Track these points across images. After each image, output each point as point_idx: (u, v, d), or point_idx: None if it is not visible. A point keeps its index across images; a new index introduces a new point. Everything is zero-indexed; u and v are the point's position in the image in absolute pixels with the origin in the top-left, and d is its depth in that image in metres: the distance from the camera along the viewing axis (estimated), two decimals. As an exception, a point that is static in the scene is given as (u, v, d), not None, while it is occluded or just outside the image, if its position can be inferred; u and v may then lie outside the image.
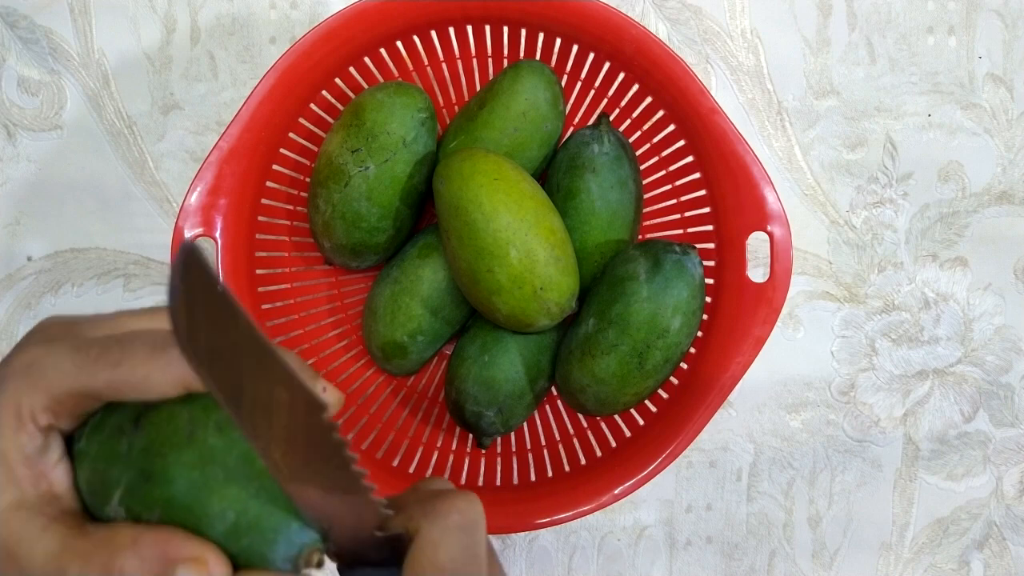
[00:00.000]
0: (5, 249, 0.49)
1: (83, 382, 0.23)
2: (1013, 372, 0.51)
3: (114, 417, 0.24)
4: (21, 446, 0.24)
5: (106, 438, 0.24)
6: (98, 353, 0.23)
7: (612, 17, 0.41)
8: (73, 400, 0.24)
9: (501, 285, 0.39)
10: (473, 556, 0.23)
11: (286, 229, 0.45)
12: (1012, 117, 0.51)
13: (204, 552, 0.22)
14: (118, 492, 0.23)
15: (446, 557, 0.22)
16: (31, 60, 0.49)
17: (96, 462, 0.24)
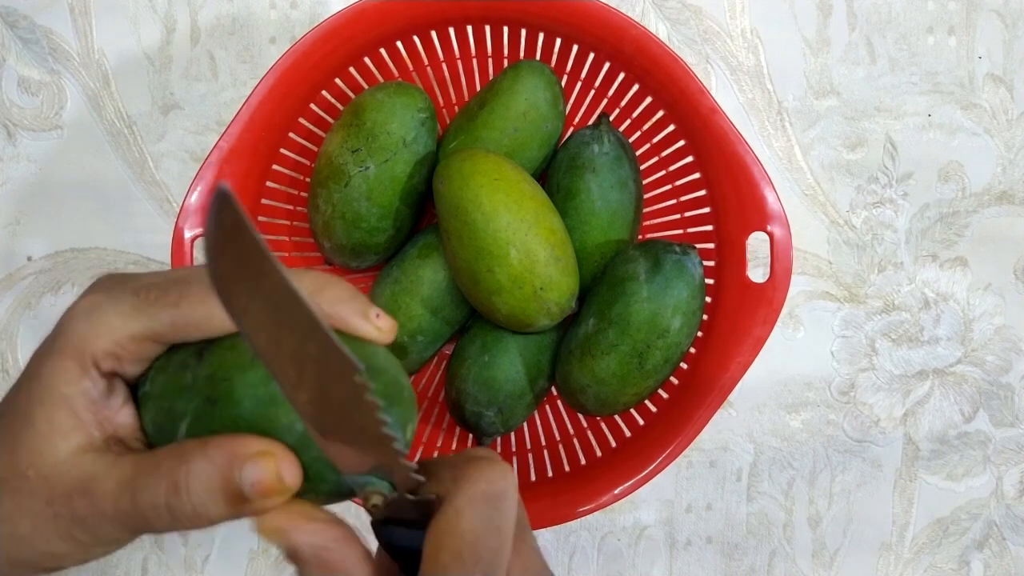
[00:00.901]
0: (5, 249, 0.49)
1: (144, 324, 0.23)
2: (1013, 372, 0.51)
3: (177, 356, 0.24)
4: (85, 391, 0.24)
5: (170, 375, 0.24)
6: (157, 295, 0.24)
7: (612, 17, 0.41)
8: (135, 344, 0.24)
9: (501, 285, 0.39)
10: (496, 528, 0.22)
11: (286, 229, 0.45)
12: (1012, 117, 0.51)
13: (272, 447, 0.22)
14: (184, 423, 0.23)
15: (467, 526, 0.22)
16: (31, 60, 0.49)
17: (161, 400, 0.24)
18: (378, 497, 0.23)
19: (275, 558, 0.49)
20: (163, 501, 0.22)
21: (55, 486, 0.23)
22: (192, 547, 0.48)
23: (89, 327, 0.24)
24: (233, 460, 0.22)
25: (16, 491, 0.24)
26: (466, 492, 0.22)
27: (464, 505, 0.22)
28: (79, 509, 0.23)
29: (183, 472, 0.22)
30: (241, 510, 0.22)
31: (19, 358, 0.49)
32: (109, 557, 0.48)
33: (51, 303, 0.49)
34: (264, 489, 0.22)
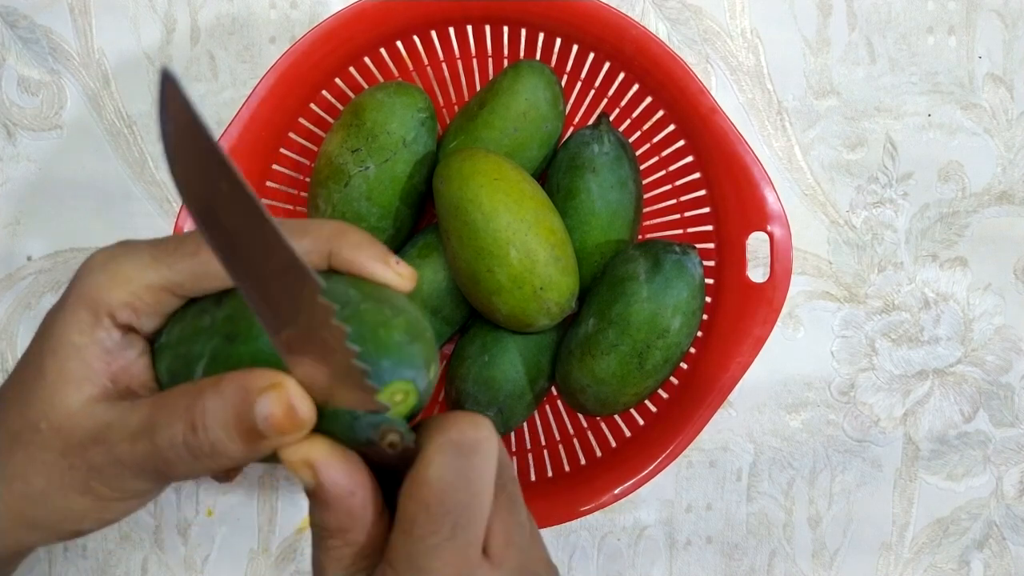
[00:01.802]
0: (5, 249, 0.49)
1: (162, 274, 0.23)
2: (1013, 372, 0.51)
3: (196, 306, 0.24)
4: (99, 341, 0.23)
5: (188, 323, 0.24)
6: (175, 246, 0.23)
7: (612, 17, 0.41)
8: (153, 294, 0.23)
9: (501, 285, 0.39)
10: (465, 480, 0.22)
11: (286, 229, 0.45)
12: (1012, 117, 0.51)
13: (284, 379, 0.21)
14: (201, 364, 0.23)
15: (435, 474, 0.21)
16: (31, 60, 0.49)
17: (178, 347, 0.23)
18: (395, 435, 0.22)
19: (275, 558, 0.49)
20: (181, 440, 0.22)
21: (68, 437, 0.23)
22: (192, 547, 0.48)
23: (106, 278, 0.23)
24: (245, 394, 0.21)
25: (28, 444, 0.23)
26: (436, 440, 0.22)
27: (433, 453, 0.22)
28: (95, 458, 0.23)
29: (199, 409, 0.22)
30: (258, 446, 0.22)
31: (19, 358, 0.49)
32: (108, 556, 0.48)
33: (51, 303, 0.48)
34: (277, 423, 0.21)
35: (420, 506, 0.21)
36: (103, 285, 0.23)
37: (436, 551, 0.21)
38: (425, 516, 0.21)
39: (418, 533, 0.21)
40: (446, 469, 0.21)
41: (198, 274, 0.23)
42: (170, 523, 0.48)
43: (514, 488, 0.24)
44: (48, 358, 0.23)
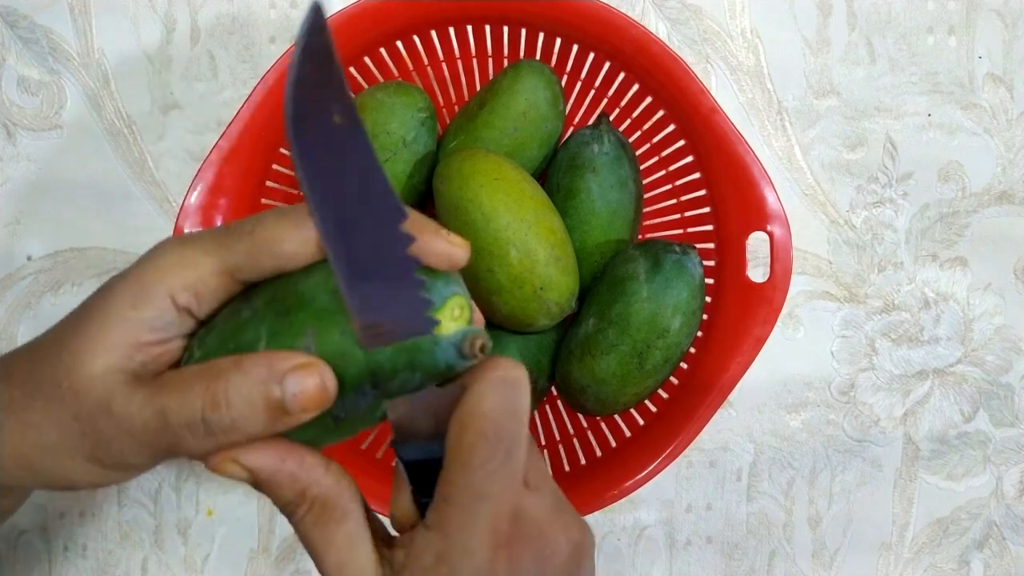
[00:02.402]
0: (5, 249, 0.49)
1: (223, 257, 0.24)
2: (1013, 372, 0.51)
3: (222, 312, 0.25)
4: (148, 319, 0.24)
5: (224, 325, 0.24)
6: (235, 227, 0.25)
7: (612, 17, 0.41)
8: (216, 279, 0.24)
9: (501, 285, 0.39)
10: (513, 410, 0.24)
11: (286, 229, 0.45)
12: (1012, 117, 0.51)
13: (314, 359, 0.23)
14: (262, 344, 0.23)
15: (489, 406, 0.23)
16: (31, 60, 0.49)
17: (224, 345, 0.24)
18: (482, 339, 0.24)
19: (275, 558, 0.49)
20: (200, 416, 0.23)
21: (82, 402, 0.24)
22: (192, 547, 0.48)
23: (175, 260, 0.25)
24: (273, 373, 0.22)
25: (49, 399, 0.24)
26: (486, 377, 0.24)
27: (485, 389, 0.24)
28: (104, 430, 0.24)
29: (222, 387, 0.23)
30: (279, 422, 0.23)
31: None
32: (108, 556, 0.48)
33: (51, 303, 0.49)
34: (306, 399, 0.22)
35: (477, 435, 0.23)
36: (170, 266, 0.24)
37: (494, 476, 0.23)
38: (483, 444, 0.23)
39: (477, 461, 0.23)
40: (498, 401, 0.24)
41: (254, 253, 0.24)
42: (170, 523, 0.48)
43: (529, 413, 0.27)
44: (90, 321, 0.24)
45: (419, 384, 0.24)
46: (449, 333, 0.23)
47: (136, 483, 0.48)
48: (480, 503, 0.23)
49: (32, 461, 0.25)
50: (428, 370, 0.23)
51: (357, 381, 0.23)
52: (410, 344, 0.23)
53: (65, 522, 0.48)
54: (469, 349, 0.23)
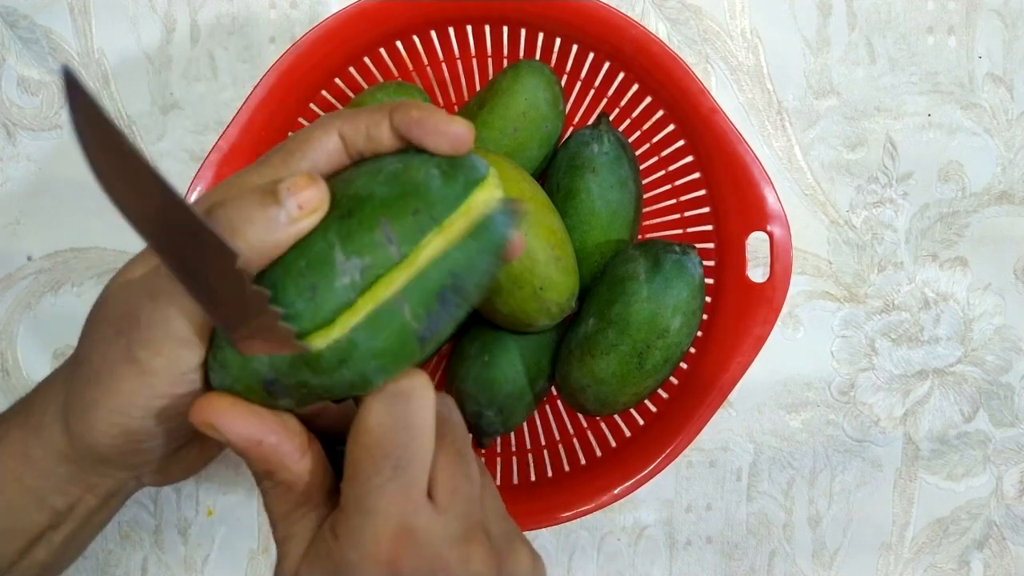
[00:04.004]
0: (5, 249, 0.49)
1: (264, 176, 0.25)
2: (1013, 372, 0.51)
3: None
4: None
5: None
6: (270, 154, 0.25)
7: (612, 17, 0.41)
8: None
9: (501, 285, 0.39)
10: (403, 424, 0.23)
11: (286, 229, 0.45)
12: (1012, 117, 0.51)
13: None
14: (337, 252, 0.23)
15: (374, 420, 0.23)
16: (31, 60, 0.49)
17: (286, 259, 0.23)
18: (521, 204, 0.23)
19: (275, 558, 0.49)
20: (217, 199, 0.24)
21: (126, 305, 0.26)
22: (192, 547, 0.48)
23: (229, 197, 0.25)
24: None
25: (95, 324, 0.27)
26: (378, 390, 0.23)
27: (372, 401, 0.23)
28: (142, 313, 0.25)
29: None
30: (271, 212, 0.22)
31: (19, 358, 0.49)
32: (108, 556, 0.48)
33: (51, 303, 0.49)
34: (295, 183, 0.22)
35: (363, 450, 0.23)
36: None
37: (380, 491, 0.23)
38: (368, 459, 0.23)
39: (362, 476, 0.23)
40: (383, 414, 0.23)
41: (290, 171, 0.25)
42: (170, 523, 0.48)
43: (463, 444, 0.26)
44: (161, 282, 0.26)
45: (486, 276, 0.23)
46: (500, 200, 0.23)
47: (136, 483, 0.48)
48: (365, 517, 0.23)
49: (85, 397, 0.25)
50: (493, 247, 0.23)
51: (438, 286, 0.22)
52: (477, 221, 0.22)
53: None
54: (515, 212, 0.23)
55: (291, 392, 0.23)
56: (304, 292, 0.22)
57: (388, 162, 0.24)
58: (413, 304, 0.22)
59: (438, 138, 0.24)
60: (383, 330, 0.22)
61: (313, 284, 0.22)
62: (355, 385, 0.23)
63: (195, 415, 0.23)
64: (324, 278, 0.22)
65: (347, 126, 0.25)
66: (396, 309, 0.22)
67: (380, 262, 0.22)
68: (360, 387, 0.23)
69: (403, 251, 0.22)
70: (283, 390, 0.23)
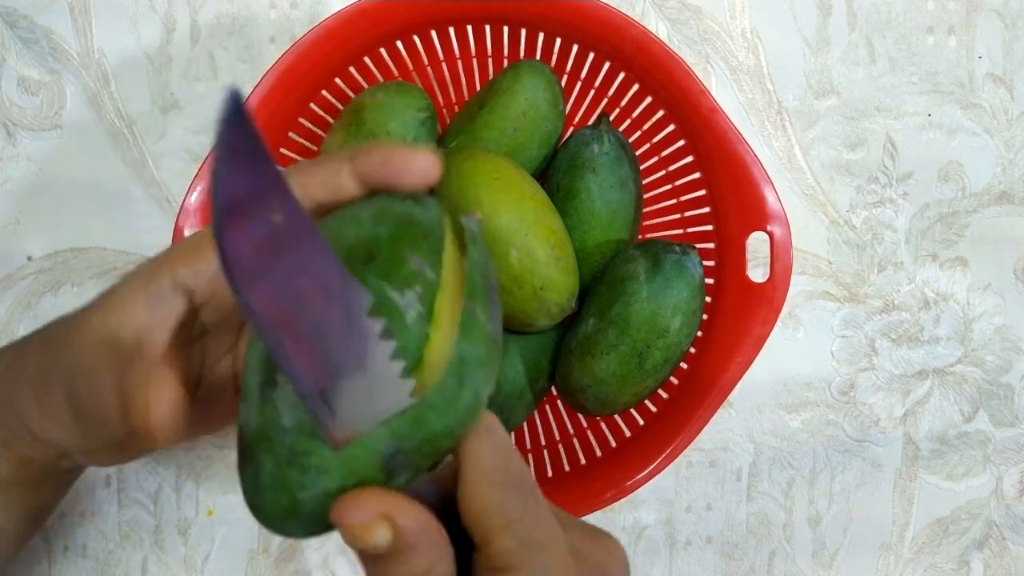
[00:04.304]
0: (5, 249, 0.49)
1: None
2: (1013, 372, 0.51)
3: None
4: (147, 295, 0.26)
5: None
6: None
7: (612, 17, 0.41)
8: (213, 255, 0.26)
9: (501, 285, 0.39)
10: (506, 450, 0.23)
11: (286, 229, 0.45)
12: (1012, 117, 0.51)
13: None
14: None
15: (497, 460, 0.22)
16: (31, 60, 0.49)
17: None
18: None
19: (275, 558, 0.49)
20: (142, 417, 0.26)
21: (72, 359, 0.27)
22: (192, 547, 0.48)
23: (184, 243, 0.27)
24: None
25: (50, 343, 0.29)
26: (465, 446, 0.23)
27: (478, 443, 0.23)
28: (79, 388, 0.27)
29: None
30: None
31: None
32: (108, 556, 0.48)
33: (51, 303, 0.49)
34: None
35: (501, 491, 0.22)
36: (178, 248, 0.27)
37: (537, 520, 0.22)
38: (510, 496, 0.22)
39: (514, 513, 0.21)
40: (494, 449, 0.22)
41: None
42: (170, 523, 0.48)
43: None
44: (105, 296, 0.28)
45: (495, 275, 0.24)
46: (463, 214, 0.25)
47: (136, 483, 0.48)
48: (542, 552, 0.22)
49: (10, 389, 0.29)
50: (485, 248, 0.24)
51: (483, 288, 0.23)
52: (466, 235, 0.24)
53: (65, 522, 0.48)
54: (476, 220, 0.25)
55: (412, 459, 0.21)
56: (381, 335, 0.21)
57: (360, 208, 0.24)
58: (480, 307, 0.22)
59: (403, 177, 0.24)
60: (475, 336, 0.22)
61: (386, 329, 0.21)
62: (470, 411, 0.22)
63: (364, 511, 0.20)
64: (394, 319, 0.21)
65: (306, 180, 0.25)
66: (474, 314, 0.22)
67: (427, 288, 0.22)
68: (473, 412, 0.22)
69: (435, 273, 0.22)
70: (404, 461, 0.21)
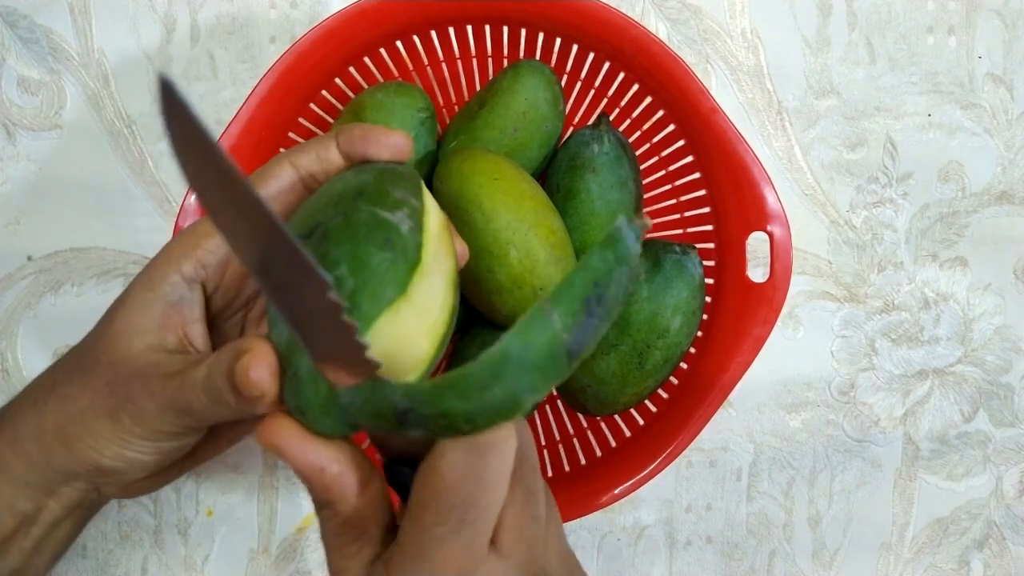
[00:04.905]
0: (5, 249, 0.49)
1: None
2: (1013, 372, 0.51)
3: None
4: (164, 295, 0.27)
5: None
6: None
7: (612, 17, 0.41)
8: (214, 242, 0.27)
9: (501, 285, 0.39)
10: (476, 476, 0.22)
11: (286, 229, 0.45)
12: (1012, 117, 0.51)
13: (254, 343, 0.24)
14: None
15: (446, 467, 0.22)
16: (31, 60, 0.49)
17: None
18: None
19: (275, 558, 0.49)
20: (201, 385, 0.25)
21: (119, 372, 0.27)
22: (192, 547, 0.48)
23: (176, 240, 0.28)
24: (236, 353, 0.24)
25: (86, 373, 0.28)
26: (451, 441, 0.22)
27: (447, 446, 0.22)
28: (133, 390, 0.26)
29: (214, 359, 0.25)
30: (242, 401, 0.24)
31: (19, 358, 0.49)
32: (108, 556, 0.48)
33: (51, 303, 0.49)
34: (240, 383, 0.23)
35: (430, 494, 0.22)
36: (174, 247, 0.28)
37: (441, 542, 0.22)
38: (433, 504, 0.22)
39: (426, 521, 0.22)
40: (459, 463, 0.22)
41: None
42: (170, 523, 0.48)
43: (533, 479, 0.25)
44: (119, 309, 0.28)
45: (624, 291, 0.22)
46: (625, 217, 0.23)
47: (136, 483, 0.48)
48: (421, 563, 0.22)
49: (66, 429, 0.27)
50: (628, 260, 0.22)
51: (583, 294, 0.21)
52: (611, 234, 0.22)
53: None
54: (643, 227, 0.23)
55: (428, 424, 0.21)
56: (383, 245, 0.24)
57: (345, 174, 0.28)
58: (562, 312, 0.20)
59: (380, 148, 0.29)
60: (536, 339, 0.20)
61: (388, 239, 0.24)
62: (502, 410, 0.20)
63: (262, 436, 0.24)
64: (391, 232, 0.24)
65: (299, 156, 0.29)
66: (546, 317, 0.20)
67: (413, 210, 0.25)
68: (507, 413, 0.20)
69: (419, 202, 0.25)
70: (418, 421, 0.21)
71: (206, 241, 0.27)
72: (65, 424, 0.27)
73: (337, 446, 0.24)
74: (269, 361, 0.23)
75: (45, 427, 0.28)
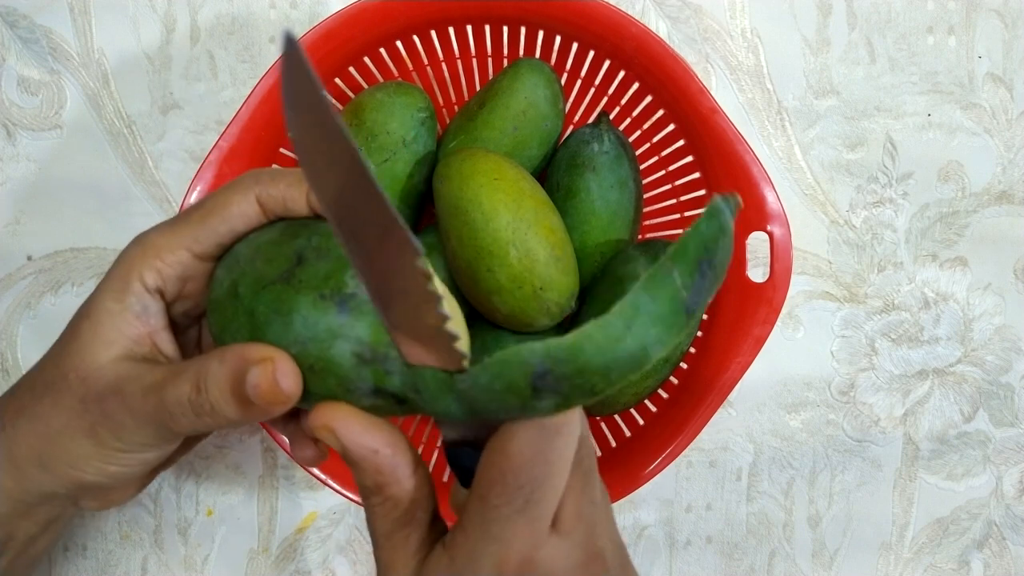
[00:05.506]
0: (5, 249, 0.49)
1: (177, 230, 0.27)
2: (1013, 372, 0.51)
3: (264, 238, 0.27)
4: (129, 306, 0.27)
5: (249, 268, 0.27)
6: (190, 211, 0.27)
7: (612, 15, 0.41)
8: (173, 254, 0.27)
9: (501, 285, 0.39)
10: (544, 458, 0.23)
11: (286, 229, 0.45)
12: (1012, 117, 0.51)
13: (274, 353, 0.24)
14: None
15: (516, 448, 0.23)
16: (31, 60, 0.49)
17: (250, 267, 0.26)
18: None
19: (275, 558, 0.49)
20: (187, 398, 0.24)
21: (91, 387, 0.26)
22: (192, 547, 0.48)
23: (138, 249, 0.27)
24: (242, 364, 0.24)
25: (57, 391, 0.27)
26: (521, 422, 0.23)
27: (517, 428, 0.23)
28: (109, 406, 0.26)
29: (203, 373, 0.24)
30: (250, 411, 0.24)
31: (19, 358, 0.49)
32: (108, 556, 0.48)
33: (51, 303, 0.49)
34: (262, 393, 0.23)
35: (497, 475, 0.23)
36: (134, 255, 0.27)
37: (507, 521, 0.23)
38: (501, 486, 0.23)
39: (493, 501, 0.23)
40: (527, 445, 0.22)
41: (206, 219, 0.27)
42: (170, 523, 0.48)
43: (591, 463, 0.26)
44: (84, 321, 0.27)
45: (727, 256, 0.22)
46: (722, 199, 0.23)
47: (136, 483, 0.48)
48: (488, 543, 0.23)
49: (42, 452, 0.27)
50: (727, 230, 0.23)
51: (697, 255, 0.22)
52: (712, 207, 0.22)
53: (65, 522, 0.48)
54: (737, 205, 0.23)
55: (562, 386, 0.21)
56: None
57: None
58: (681, 270, 0.22)
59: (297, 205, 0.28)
60: (661, 293, 0.21)
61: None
62: (633, 363, 0.21)
63: (315, 419, 0.24)
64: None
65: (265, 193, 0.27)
66: (668, 274, 0.21)
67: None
68: (637, 365, 0.21)
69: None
70: (554, 384, 0.21)
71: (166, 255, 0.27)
72: (40, 447, 0.27)
73: (388, 429, 0.24)
74: (293, 368, 0.23)
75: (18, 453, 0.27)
